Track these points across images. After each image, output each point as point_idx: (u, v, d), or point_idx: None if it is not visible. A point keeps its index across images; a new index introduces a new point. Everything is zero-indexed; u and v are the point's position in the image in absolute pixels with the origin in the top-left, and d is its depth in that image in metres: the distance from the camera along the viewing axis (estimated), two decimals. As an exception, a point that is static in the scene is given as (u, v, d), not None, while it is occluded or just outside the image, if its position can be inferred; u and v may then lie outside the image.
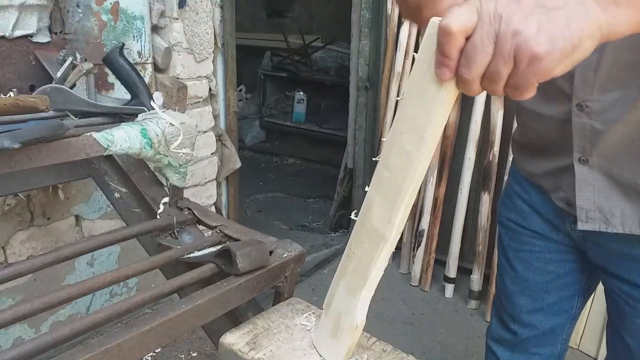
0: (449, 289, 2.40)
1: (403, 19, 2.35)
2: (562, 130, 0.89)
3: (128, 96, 1.32)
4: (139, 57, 1.45)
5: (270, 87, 4.72)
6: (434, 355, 2.01)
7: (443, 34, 0.49)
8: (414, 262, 2.45)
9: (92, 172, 1.18)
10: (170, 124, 1.00)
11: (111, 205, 1.20)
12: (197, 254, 0.94)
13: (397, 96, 2.40)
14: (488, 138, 2.19)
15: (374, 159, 2.31)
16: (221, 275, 0.88)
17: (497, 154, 2.19)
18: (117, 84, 1.40)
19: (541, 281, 1.10)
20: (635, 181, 0.85)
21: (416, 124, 0.57)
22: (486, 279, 2.26)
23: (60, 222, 1.52)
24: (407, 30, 2.34)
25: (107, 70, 1.35)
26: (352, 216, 0.72)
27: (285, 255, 0.91)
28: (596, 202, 0.90)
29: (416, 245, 2.43)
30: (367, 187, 0.67)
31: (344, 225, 3.02)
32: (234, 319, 0.88)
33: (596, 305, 2.02)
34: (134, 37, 1.42)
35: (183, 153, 1.03)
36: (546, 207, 1.01)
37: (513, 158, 1.14)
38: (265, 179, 3.97)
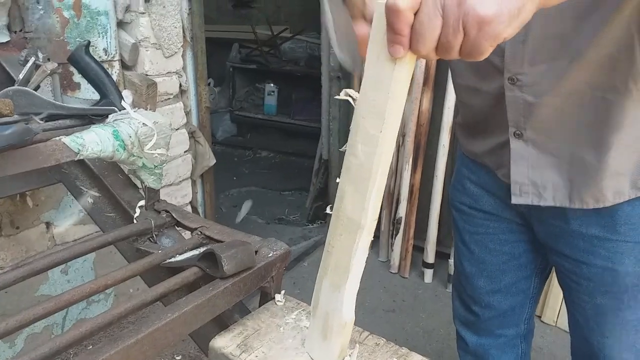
0: (428, 274, 2.42)
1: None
2: (498, 106, 0.91)
3: (96, 96, 1.27)
4: (105, 55, 1.39)
5: (240, 80, 4.65)
6: (417, 341, 2.03)
7: (391, 12, 0.50)
8: (392, 249, 2.46)
9: (62, 177, 1.13)
10: (143, 124, 0.96)
11: (83, 210, 1.15)
12: (178, 258, 0.91)
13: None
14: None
15: (340, 149, 2.30)
16: (206, 279, 0.85)
17: (470, 139, 2.20)
18: (84, 84, 1.35)
19: (497, 262, 1.14)
20: (568, 151, 0.88)
21: (376, 106, 0.57)
22: (465, 263, 2.29)
23: (30, 231, 1.45)
24: (377, 18, 2.32)
25: (72, 69, 1.29)
26: (328, 210, 0.71)
27: (270, 254, 0.89)
28: (529, 176, 0.93)
29: (394, 232, 2.44)
30: (338, 178, 0.67)
31: (321, 217, 3.01)
32: (221, 322, 0.85)
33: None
34: (98, 33, 1.36)
35: (158, 154, 0.99)
36: (495, 186, 1.04)
37: (458, 141, 1.16)
38: (238, 174, 3.92)
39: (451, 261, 2.32)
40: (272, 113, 4.50)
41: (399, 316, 2.16)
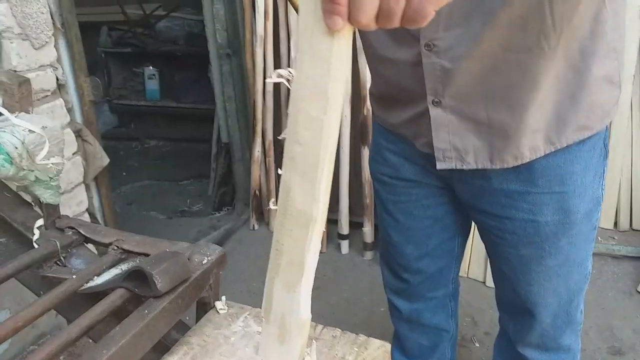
0: (344, 245, 2.45)
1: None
2: (414, 75, 0.91)
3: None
4: (-41, 52, 1.17)
5: (114, 66, 4.30)
6: (343, 313, 2.05)
7: None
8: (307, 227, 2.45)
9: None
10: (30, 130, 0.81)
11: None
12: (98, 280, 0.79)
13: (264, 61, 2.30)
14: (360, 93, 2.22)
15: (279, 137, 2.22)
16: (135, 300, 0.75)
17: (370, 108, 2.22)
18: (-63, 88, 1.12)
19: (422, 227, 1.17)
20: (487, 115, 0.90)
21: (317, 85, 0.53)
22: (377, 229, 2.33)
23: None
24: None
25: None
26: (271, 205, 0.65)
27: (205, 261, 0.81)
28: (451, 142, 0.95)
29: (307, 210, 2.42)
30: (278, 170, 0.61)
31: (227, 203, 2.90)
32: (161, 346, 0.76)
33: (477, 234, 2.23)
34: (-54, 27, 1.13)
35: (52, 164, 0.85)
36: (415, 154, 1.06)
37: (374, 113, 1.16)
38: (128, 168, 3.66)
39: (365, 229, 2.36)
40: (155, 98, 4.22)
41: (322, 292, 2.17)
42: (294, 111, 0.56)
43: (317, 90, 0.53)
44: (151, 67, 4.16)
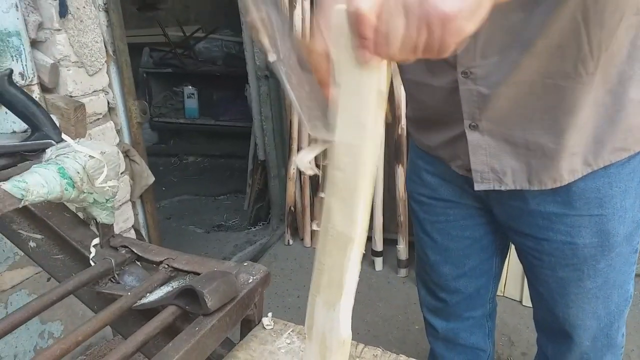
0: (378, 262, 2.46)
1: (295, 3, 2.29)
2: (451, 100, 0.93)
3: (17, 126, 1.15)
4: (22, 80, 1.26)
5: (155, 85, 4.46)
6: (378, 330, 2.06)
7: (354, 17, 0.49)
8: (341, 243, 2.47)
9: (-5, 222, 1.01)
10: (90, 156, 0.88)
11: (20, 252, 1.04)
12: (150, 298, 0.84)
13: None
14: (395, 113, 2.24)
15: (322, 164, 2.27)
16: (184, 317, 0.79)
17: (404, 127, 2.24)
18: (2, 114, 1.21)
19: (461, 247, 1.17)
20: (525, 138, 0.91)
21: (354, 116, 0.56)
22: (411, 246, 2.34)
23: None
24: (300, 14, 2.30)
25: (-14, 100, 1.16)
26: (315, 227, 0.69)
27: (250, 280, 0.85)
28: (489, 164, 0.96)
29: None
30: (319, 192, 0.64)
31: (262, 218, 2.96)
32: (207, 361, 0.80)
33: (514, 253, 2.20)
34: (12, 57, 1.22)
35: (109, 187, 0.91)
36: (452, 174, 1.07)
37: (410, 134, 1.19)
38: (167, 183, 3.76)
39: (399, 246, 2.37)
40: (194, 116, 4.35)
41: (357, 308, 2.13)
42: (336, 138, 0.59)
43: (354, 120, 0.56)
44: (190, 87, 4.30)
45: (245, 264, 0.89)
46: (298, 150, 2.46)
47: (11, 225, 1.01)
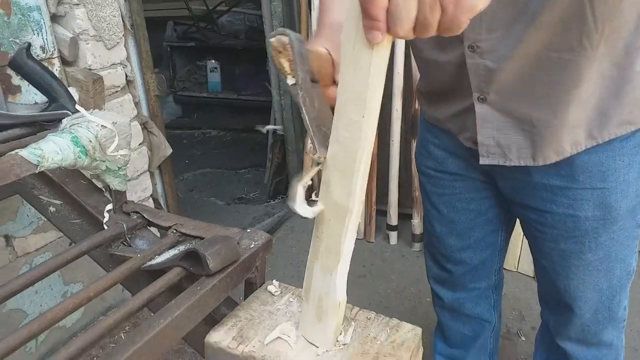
0: (393, 236, 2.49)
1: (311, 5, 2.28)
2: (459, 74, 0.94)
3: (38, 97, 1.20)
4: (43, 53, 1.31)
5: (179, 59, 4.50)
6: (390, 301, 2.10)
7: None
8: (357, 217, 2.50)
9: (18, 188, 1.07)
10: (102, 126, 0.92)
11: (43, 218, 1.10)
12: (158, 259, 0.89)
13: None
14: (411, 87, 2.24)
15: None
16: (189, 278, 0.84)
17: (422, 101, 2.23)
18: (25, 87, 1.27)
19: (466, 220, 1.19)
20: (530, 113, 0.92)
21: (357, 92, 0.57)
22: (426, 221, 2.36)
23: (-11, 246, 1.38)
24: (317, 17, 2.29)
25: (9, 71, 1.21)
26: (314, 197, 0.72)
27: (252, 245, 0.89)
28: (495, 138, 0.97)
29: (357, 200, 2.47)
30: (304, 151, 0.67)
31: (281, 192, 3.01)
32: (209, 318, 0.85)
33: (528, 229, 2.21)
34: (33, 31, 1.27)
35: (121, 155, 0.96)
36: (459, 148, 1.08)
37: (421, 108, 1.19)
38: (190, 156, 3.84)
39: (414, 221, 2.39)
40: (217, 90, 4.40)
41: (370, 280, 2.22)
42: (336, 114, 0.62)
43: (357, 97, 0.58)
44: (213, 61, 4.33)
45: (248, 230, 0.93)
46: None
47: (32, 191, 1.07)
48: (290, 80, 0.65)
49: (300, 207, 0.67)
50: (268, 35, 2.61)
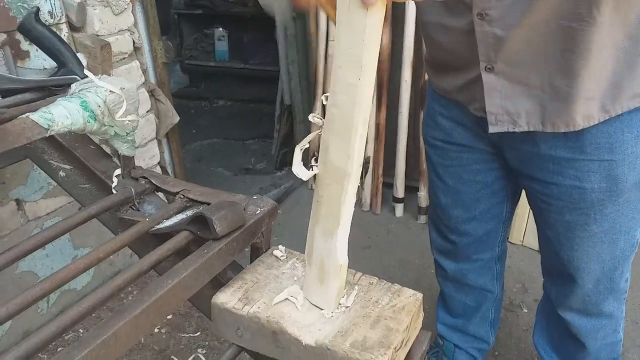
0: (399, 208, 2.50)
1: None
2: (467, 42, 0.93)
3: (47, 63, 1.21)
4: (51, 18, 1.31)
5: (186, 27, 4.45)
6: (394, 273, 2.12)
7: None
8: (362, 189, 2.51)
9: (28, 152, 1.09)
10: (111, 91, 0.93)
11: (53, 183, 1.12)
12: (166, 223, 0.90)
13: (327, 26, 2.34)
14: (421, 58, 2.21)
15: (322, 98, 2.29)
16: (196, 242, 0.86)
17: (431, 72, 2.21)
18: (33, 51, 1.27)
19: (472, 191, 1.20)
20: (540, 80, 0.92)
21: (352, 55, 0.58)
22: (433, 194, 2.37)
23: (1, 210, 1.41)
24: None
25: (18, 37, 1.22)
26: (313, 162, 0.73)
27: (258, 211, 0.90)
28: (503, 106, 0.97)
29: (364, 172, 2.48)
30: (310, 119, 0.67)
31: (288, 163, 3.00)
32: (217, 282, 0.87)
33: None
34: (40, -5, 1.27)
35: (129, 121, 0.96)
36: (467, 119, 1.08)
37: (429, 78, 1.19)
38: (197, 126, 3.83)
39: (420, 194, 2.39)
40: (224, 59, 4.35)
41: (375, 251, 2.25)
42: (333, 78, 0.63)
43: (353, 59, 0.59)
44: (221, 29, 4.27)
45: (254, 197, 0.94)
46: (323, 93, 2.47)
47: (43, 156, 1.09)
48: None
49: (297, 169, 0.69)
50: None
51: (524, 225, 2.19)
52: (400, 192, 2.46)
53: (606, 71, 0.88)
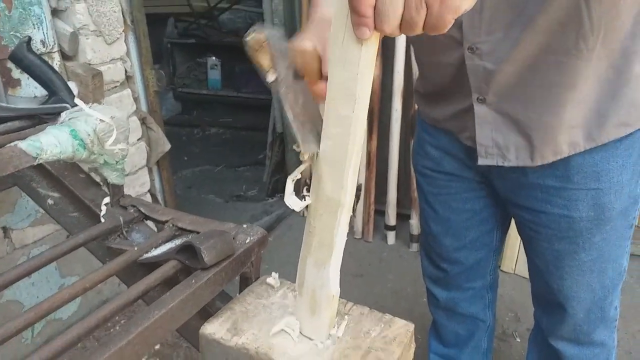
0: (391, 236, 2.49)
1: None
2: (459, 75, 0.95)
3: (38, 91, 1.21)
4: (44, 47, 1.32)
5: (179, 56, 4.50)
6: (386, 301, 2.10)
7: None
8: (354, 216, 2.51)
9: (16, 180, 1.08)
10: (101, 120, 0.93)
11: (41, 210, 1.11)
12: (155, 252, 0.90)
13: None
14: (411, 88, 2.24)
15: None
16: (185, 271, 0.85)
17: (421, 101, 2.24)
18: (24, 80, 1.28)
19: (461, 220, 1.20)
20: (528, 115, 0.93)
21: (346, 88, 0.58)
22: (424, 221, 2.37)
23: (-14, 237, 1.39)
24: None
25: (9, 65, 1.22)
26: (305, 192, 0.72)
27: (248, 240, 0.90)
28: (494, 139, 0.98)
29: (356, 200, 2.48)
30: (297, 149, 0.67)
31: (280, 190, 3.01)
32: (205, 312, 0.86)
33: (525, 230, 2.21)
34: (33, 25, 1.28)
35: (118, 149, 0.97)
36: (455, 148, 1.09)
37: (418, 108, 1.20)
38: (189, 153, 3.83)
39: (412, 221, 2.39)
40: (217, 88, 4.40)
41: (366, 280, 2.23)
42: (326, 110, 0.62)
43: (347, 92, 0.58)
44: (214, 58, 4.33)
45: (244, 225, 0.94)
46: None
47: (31, 184, 1.08)
48: (270, 77, 0.66)
49: (289, 199, 0.68)
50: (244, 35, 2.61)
51: (515, 254, 2.19)
52: (392, 219, 2.46)
53: (590, 100, 0.90)
